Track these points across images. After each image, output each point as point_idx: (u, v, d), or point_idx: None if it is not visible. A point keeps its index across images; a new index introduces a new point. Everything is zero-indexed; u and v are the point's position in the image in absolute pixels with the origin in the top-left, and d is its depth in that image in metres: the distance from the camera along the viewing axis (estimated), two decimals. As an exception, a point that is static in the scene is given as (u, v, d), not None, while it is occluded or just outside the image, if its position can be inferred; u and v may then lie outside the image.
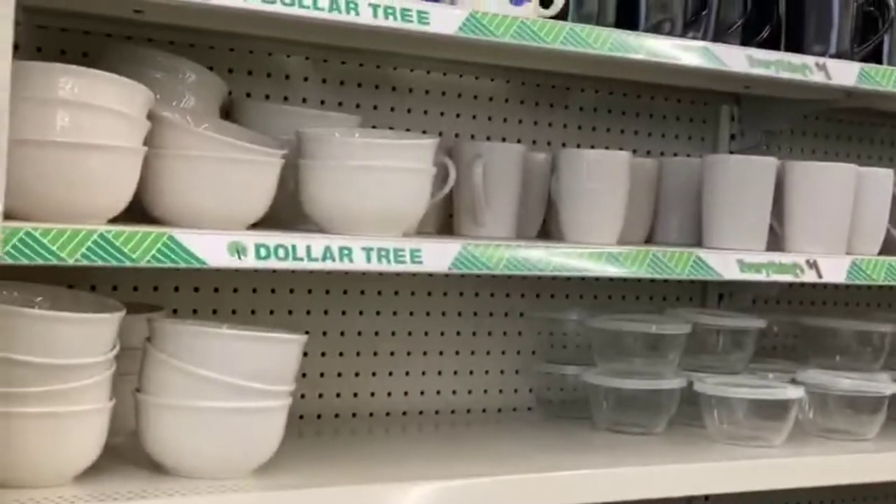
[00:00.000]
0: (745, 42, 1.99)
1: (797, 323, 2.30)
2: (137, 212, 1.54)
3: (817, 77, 1.94)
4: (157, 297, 1.87)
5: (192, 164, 1.54)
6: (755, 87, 2.19)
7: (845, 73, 1.96)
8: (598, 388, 2.01)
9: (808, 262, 1.94)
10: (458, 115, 2.13)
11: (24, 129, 1.38)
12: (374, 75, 2.05)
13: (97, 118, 1.44)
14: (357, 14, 1.59)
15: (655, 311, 2.14)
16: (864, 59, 2.03)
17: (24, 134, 1.38)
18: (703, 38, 1.90)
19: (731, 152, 2.33)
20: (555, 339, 2.19)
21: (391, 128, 2.03)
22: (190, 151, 1.54)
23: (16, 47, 1.33)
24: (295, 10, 1.55)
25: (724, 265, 1.87)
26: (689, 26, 1.90)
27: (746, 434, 1.96)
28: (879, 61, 2.10)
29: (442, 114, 2.12)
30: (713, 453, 1.91)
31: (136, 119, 1.49)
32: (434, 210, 1.85)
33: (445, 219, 1.96)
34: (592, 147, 2.23)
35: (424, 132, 2.05)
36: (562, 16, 1.80)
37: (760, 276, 1.90)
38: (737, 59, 1.88)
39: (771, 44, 2.01)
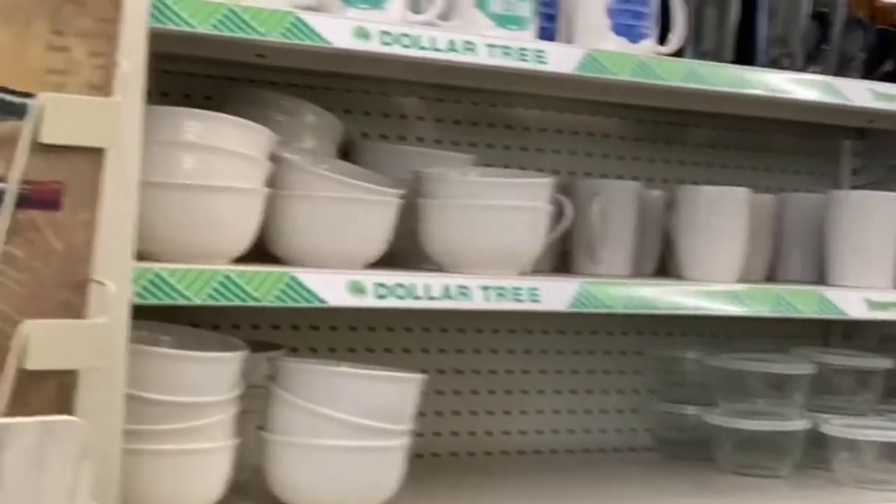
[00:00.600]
0: (868, 75, 1.95)
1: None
2: (258, 251, 1.56)
3: (945, 110, 1.89)
4: (276, 335, 1.89)
5: (312, 205, 1.56)
6: (879, 121, 2.14)
7: (974, 106, 1.92)
8: (721, 428, 1.97)
9: (939, 299, 1.89)
10: (573, 153, 2.13)
11: (153, 172, 1.41)
12: (489, 114, 2.06)
13: (222, 160, 1.47)
14: (475, 54, 1.60)
15: (777, 350, 2.10)
16: None
17: (153, 176, 1.41)
18: (824, 73, 1.87)
19: (854, 187, 2.28)
20: (673, 378, 2.16)
21: (506, 166, 2.03)
22: (311, 192, 1.56)
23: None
24: (413, 52, 1.56)
25: (851, 303, 1.83)
26: (810, 60, 1.87)
27: (876, 478, 1.91)
28: None
29: (557, 152, 2.11)
30: (841, 497, 1.87)
31: (259, 161, 1.51)
32: (549, 248, 1.84)
33: (561, 256, 1.95)
34: (710, 183, 2.20)
35: (540, 170, 2.05)
36: (679, 52, 1.79)
37: (888, 315, 1.86)
38: (859, 93, 1.85)
39: (895, 77, 1.97)
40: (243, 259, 1.51)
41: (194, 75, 1.80)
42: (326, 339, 1.94)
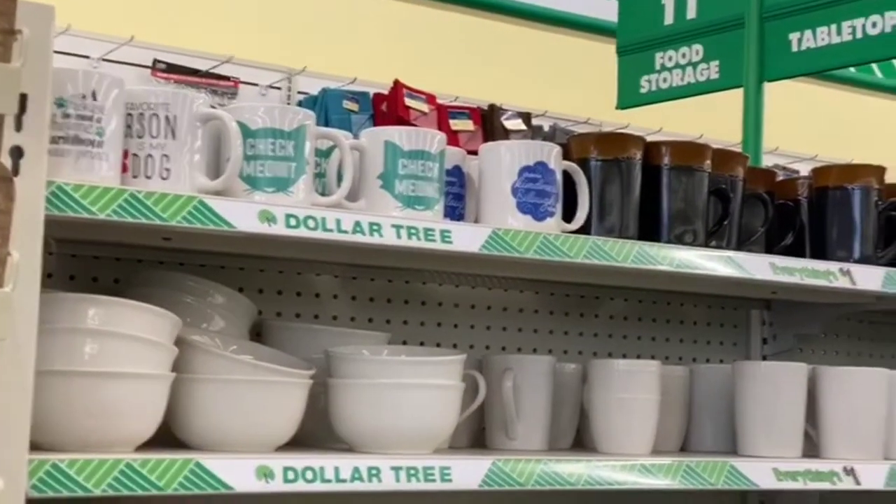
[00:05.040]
0: (769, 249, 2.00)
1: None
2: (166, 435, 1.54)
3: (842, 283, 1.94)
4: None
5: (218, 388, 1.55)
6: (782, 293, 2.19)
7: (870, 278, 1.96)
8: None
9: (845, 469, 1.90)
10: (488, 328, 2.14)
11: (52, 360, 1.40)
12: (403, 291, 2.07)
13: (124, 346, 1.46)
14: (381, 236, 1.62)
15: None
16: (890, 263, 2.03)
17: (51, 364, 1.40)
18: (727, 247, 1.92)
19: (765, 356, 2.31)
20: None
21: (422, 343, 2.04)
22: (217, 375, 1.55)
23: (49, 275, 1.36)
24: (319, 234, 1.57)
25: (760, 474, 1.84)
26: (712, 236, 1.92)
27: None
28: (905, 263, 2.10)
29: (472, 327, 2.13)
30: None
31: (164, 345, 1.51)
32: (467, 423, 1.84)
33: (478, 431, 1.94)
34: (624, 355, 2.22)
35: (455, 346, 2.06)
36: (584, 229, 1.82)
37: (797, 485, 1.86)
38: (760, 266, 1.89)
39: (795, 250, 2.02)
40: (149, 444, 1.49)
41: (102, 258, 1.80)
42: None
